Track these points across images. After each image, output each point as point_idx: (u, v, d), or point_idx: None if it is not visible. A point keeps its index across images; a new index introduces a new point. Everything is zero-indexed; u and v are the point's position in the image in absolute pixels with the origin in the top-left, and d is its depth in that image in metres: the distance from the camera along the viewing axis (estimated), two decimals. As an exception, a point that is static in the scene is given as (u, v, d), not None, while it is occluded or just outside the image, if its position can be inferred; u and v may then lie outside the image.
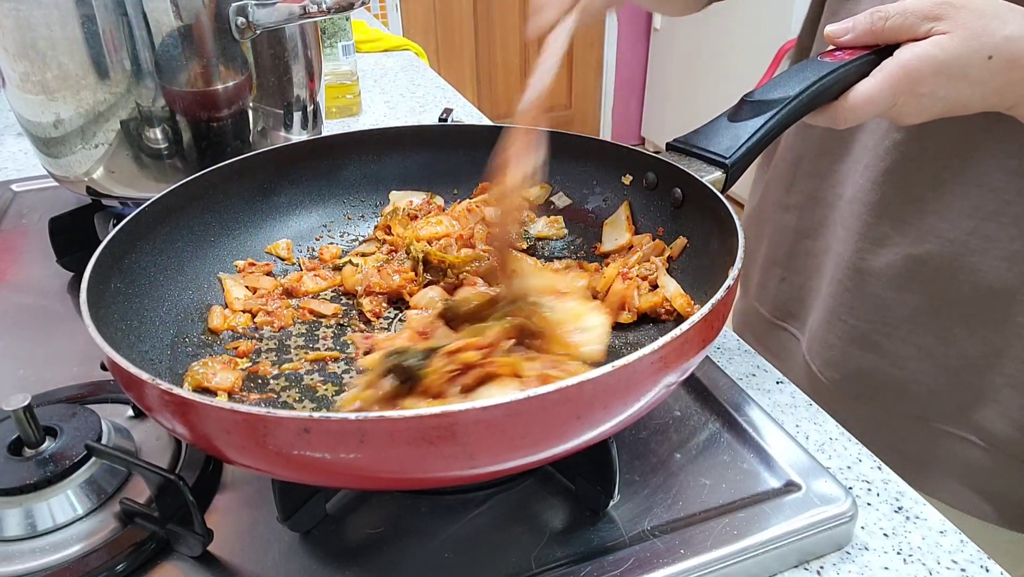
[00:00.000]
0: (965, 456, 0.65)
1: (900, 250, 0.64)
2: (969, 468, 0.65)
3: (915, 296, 0.64)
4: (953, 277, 0.62)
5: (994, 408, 0.63)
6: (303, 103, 0.78)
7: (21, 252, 0.81)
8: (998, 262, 0.60)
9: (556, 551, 0.44)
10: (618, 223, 0.62)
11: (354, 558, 0.44)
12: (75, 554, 0.43)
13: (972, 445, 0.65)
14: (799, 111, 0.52)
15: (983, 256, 0.60)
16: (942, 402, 0.65)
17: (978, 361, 0.63)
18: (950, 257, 0.62)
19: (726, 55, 3.23)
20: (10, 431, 0.47)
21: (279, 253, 0.64)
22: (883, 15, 0.48)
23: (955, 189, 0.61)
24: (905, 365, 0.66)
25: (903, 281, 0.64)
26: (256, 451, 0.34)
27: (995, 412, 0.63)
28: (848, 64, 0.51)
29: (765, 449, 0.51)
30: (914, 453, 0.68)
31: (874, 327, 0.67)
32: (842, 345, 0.69)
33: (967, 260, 0.61)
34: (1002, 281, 0.60)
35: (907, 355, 0.65)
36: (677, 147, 0.56)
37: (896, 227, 0.64)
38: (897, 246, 0.64)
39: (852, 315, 0.68)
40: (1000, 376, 0.62)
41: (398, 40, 1.68)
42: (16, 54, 0.65)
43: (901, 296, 0.65)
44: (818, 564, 0.45)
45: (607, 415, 0.36)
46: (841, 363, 0.70)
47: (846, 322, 0.68)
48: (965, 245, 0.61)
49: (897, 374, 0.66)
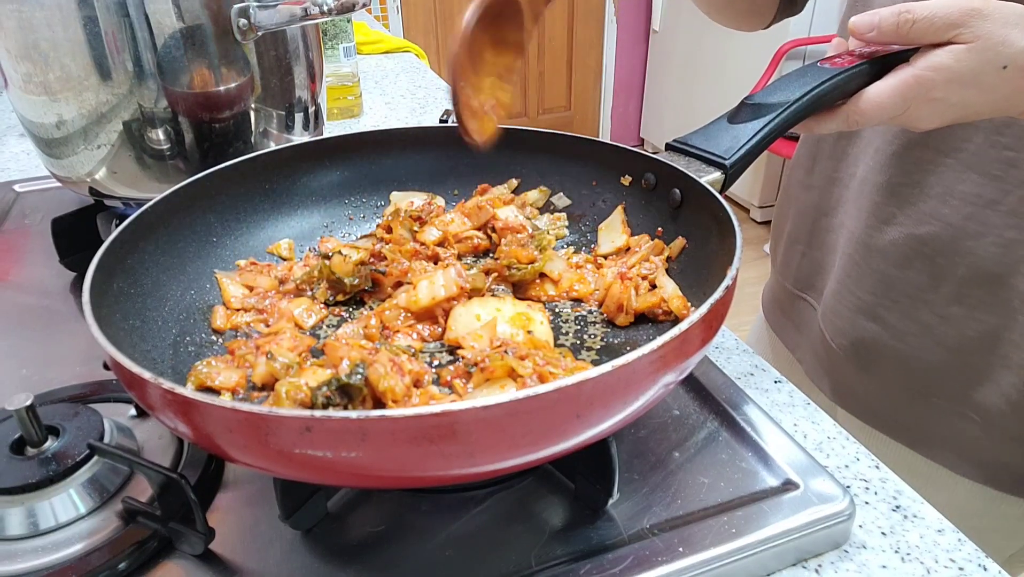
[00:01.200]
0: (961, 430, 0.68)
1: (904, 230, 0.66)
2: (964, 440, 0.69)
3: (916, 274, 0.67)
4: (951, 259, 0.64)
5: (990, 387, 0.66)
6: (304, 104, 0.79)
7: (24, 252, 0.81)
8: (994, 248, 0.62)
9: (556, 549, 0.44)
10: (614, 226, 0.63)
11: (355, 556, 0.44)
12: (77, 553, 0.43)
13: (969, 421, 0.68)
14: (799, 115, 0.53)
15: (979, 241, 0.63)
16: (942, 380, 0.68)
17: (975, 341, 0.65)
18: (949, 239, 0.64)
19: (724, 57, 3.23)
20: (13, 430, 0.47)
21: (281, 253, 0.64)
22: (910, 17, 0.48)
23: (955, 175, 0.63)
24: (906, 339, 0.69)
25: (906, 259, 0.67)
26: (258, 450, 0.34)
27: (991, 391, 0.66)
28: (847, 71, 0.52)
29: (763, 448, 0.51)
30: (914, 426, 0.72)
31: (879, 300, 0.70)
32: (850, 315, 0.73)
33: (964, 243, 0.63)
34: (997, 266, 0.62)
35: (908, 330, 0.69)
36: (676, 147, 0.57)
37: (901, 207, 0.67)
38: (901, 226, 0.67)
39: (860, 287, 0.72)
40: (996, 356, 0.65)
41: (399, 42, 1.69)
42: (19, 55, 0.66)
43: (904, 273, 0.68)
44: (816, 562, 0.46)
45: (606, 414, 0.36)
46: (849, 331, 0.74)
47: (854, 293, 0.72)
48: (963, 229, 0.63)
49: (899, 347, 0.70)
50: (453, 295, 0.53)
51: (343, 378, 0.43)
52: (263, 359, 0.48)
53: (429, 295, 0.53)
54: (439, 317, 0.54)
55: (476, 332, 0.50)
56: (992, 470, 0.69)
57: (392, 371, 0.44)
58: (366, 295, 0.59)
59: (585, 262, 0.61)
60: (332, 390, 0.42)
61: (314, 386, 0.43)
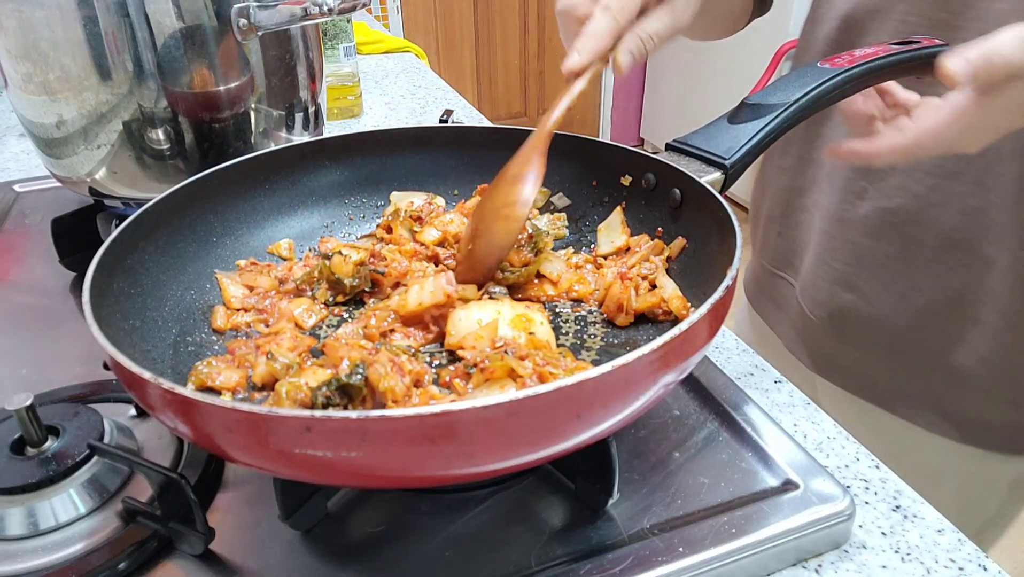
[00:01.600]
0: (936, 389, 0.73)
1: (875, 203, 0.71)
2: (929, 394, 0.73)
3: (887, 244, 0.71)
4: (919, 228, 0.68)
5: (962, 346, 0.70)
6: (305, 104, 0.79)
7: (24, 252, 0.81)
8: (958, 216, 0.66)
9: (556, 549, 0.44)
10: (613, 226, 0.63)
11: (355, 556, 0.44)
12: (77, 553, 0.43)
13: (943, 380, 0.72)
14: (799, 115, 0.53)
15: (945, 210, 0.66)
16: (915, 342, 0.72)
17: (945, 303, 0.69)
18: (916, 210, 0.68)
19: (724, 56, 3.23)
20: (13, 430, 0.47)
21: (281, 253, 0.64)
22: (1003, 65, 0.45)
23: None
24: (881, 306, 0.73)
25: (878, 230, 0.71)
26: (258, 450, 0.34)
27: (963, 350, 0.70)
28: (847, 71, 0.52)
29: (763, 448, 0.51)
30: (890, 388, 0.76)
31: (854, 271, 0.74)
32: (827, 286, 0.77)
33: (931, 213, 0.67)
34: (962, 232, 0.66)
35: (882, 296, 0.73)
36: (676, 147, 0.57)
37: (872, 182, 0.71)
38: (872, 200, 0.71)
39: (836, 259, 0.76)
40: (965, 317, 0.69)
41: (399, 42, 1.69)
42: (18, 55, 0.66)
43: (876, 244, 0.72)
44: (816, 562, 0.46)
45: (606, 414, 0.36)
46: (827, 303, 0.78)
47: (831, 265, 0.76)
48: (929, 200, 0.67)
49: (874, 314, 0.74)
50: (440, 302, 0.53)
51: (343, 378, 0.43)
52: (263, 359, 0.48)
53: (416, 300, 0.53)
54: (428, 323, 0.53)
55: (477, 333, 0.50)
56: (967, 427, 0.72)
57: (392, 371, 0.44)
58: (366, 295, 0.59)
59: (585, 262, 0.61)
60: (332, 390, 0.42)
61: (314, 386, 0.43)
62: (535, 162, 0.56)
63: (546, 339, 0.50)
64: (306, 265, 0.61)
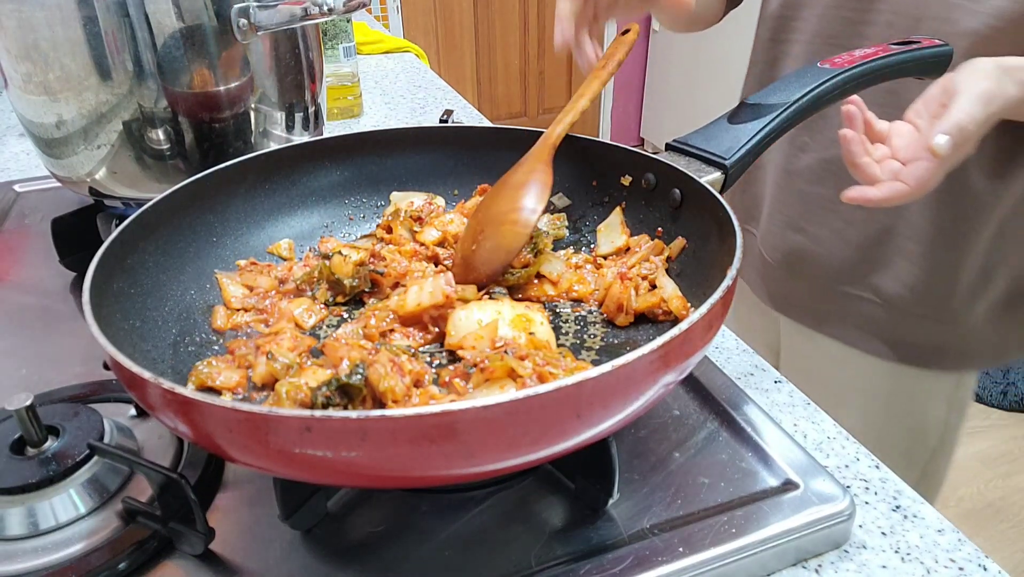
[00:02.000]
0: (865, 310, 0.84)
1: (816, 155, 0.82)
2: (868, 319, 0.84)
3: (827, 189, 0.81)
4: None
5: (888, 273, 0.81)
6: (304, 104, 0.79)
7: (24, 252, 0.82)
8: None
9: (556, 549, 0.44)
10: (613, 226, 0.63)
11: (355, 556, 0.44)
12: (77, 553, 0.43)
13: (871, 302, 0.83)
14: (798, 115, 0.53)
15: None
16: (851, 272, 0.83)
17: (875, 237, 0.80)
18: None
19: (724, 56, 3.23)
20: (12, 430, 0.47)
21: (281, 253, 0.64)
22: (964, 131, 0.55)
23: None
24: (822, 243, 0.84)
25: (818, 178, 0.82)
26: (258, 449, 0.34)
27: (889, 276, 0.81)
28: (847, 71, 0.52)
29: (763, 448, 0.51)
30: (832, 315, 0.87)
31: (800, 214, 0.86)
32: (780, 231, 0.89)
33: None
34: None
35: (823, 236, 0.84)
36: (676, 147, 0.57)
37: (812, 136, 0.81)
38: (813, 151, 0.82)
39: (785, 206, 0.87)
40: (892, 249, 0.79)
41: (399, 42, 1.69)
42: (18, 55, 0.66)
43: (817, 189, 0.83)
44: (816, 562, 0.46)
45: (606, 414, 0.36)
46: (780, 245, 0.89)
47: (782, 212, 0.88)
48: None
49: (818, 251, 0.85)
50: (439, 303, 0.53)
51: (343, 378, 0.43)
52: (263, 359, 0.48)
53: (415, 301, 0.53)
54: (427, 323, 0.53)
55: (477, 333, 0.50)
56: (900, 348, 0.83)
57: (392, 371, 0.44)
58: (366, 296, 0.59)
59: (585, 262, 0.61)
60: (332, 390, 0.42)
61: (314, 386, 0.43)
62: (540, 171, 0.59)
63: (546, 339, 0.51)
64: (306, 265, 0.61)
